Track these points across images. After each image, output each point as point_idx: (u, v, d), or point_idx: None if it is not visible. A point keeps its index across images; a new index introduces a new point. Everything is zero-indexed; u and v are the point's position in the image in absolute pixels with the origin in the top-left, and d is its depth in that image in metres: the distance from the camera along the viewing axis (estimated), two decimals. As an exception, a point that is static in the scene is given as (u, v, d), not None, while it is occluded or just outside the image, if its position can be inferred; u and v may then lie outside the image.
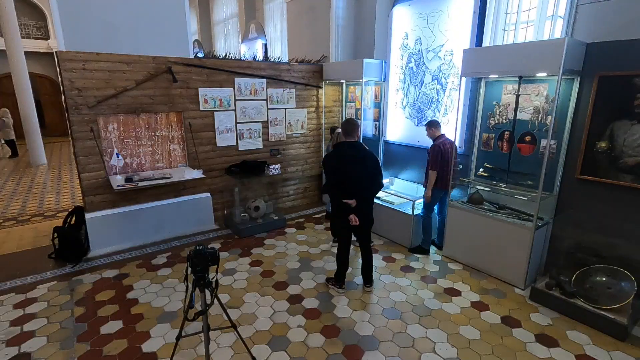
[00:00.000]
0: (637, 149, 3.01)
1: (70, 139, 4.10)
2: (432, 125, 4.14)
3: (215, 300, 2.22)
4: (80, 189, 4.24)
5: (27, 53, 9.72)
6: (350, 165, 3.20)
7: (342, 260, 3.48)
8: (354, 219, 3.22)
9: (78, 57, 3.81)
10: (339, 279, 3.53)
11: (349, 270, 3.92)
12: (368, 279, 3.56)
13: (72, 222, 4.33)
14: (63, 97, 3.90)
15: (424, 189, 4.23)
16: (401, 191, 5.05)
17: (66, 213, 4.42)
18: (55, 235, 4.12)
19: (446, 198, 4.11)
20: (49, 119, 14.81)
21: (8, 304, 3.29)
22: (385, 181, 5.24)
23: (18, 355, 2.68)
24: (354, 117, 5.61)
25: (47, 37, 13.71)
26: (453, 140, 4.03)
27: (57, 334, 2.91)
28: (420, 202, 4.35)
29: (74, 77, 3.82)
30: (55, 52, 3.80)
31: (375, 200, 4.74)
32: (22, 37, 9.74)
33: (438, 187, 4.07)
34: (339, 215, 3.32)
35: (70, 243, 4.04)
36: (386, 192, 4.81)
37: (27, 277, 3.73)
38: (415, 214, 4.32)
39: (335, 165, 3.22)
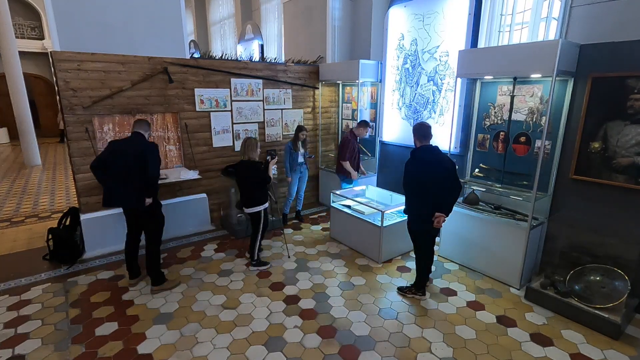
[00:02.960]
0: (630, 149, 3.04)
1: (65, 139, 4.07)
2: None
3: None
4: (75, 190, 4.22)
5: (21, 53, 9.65)
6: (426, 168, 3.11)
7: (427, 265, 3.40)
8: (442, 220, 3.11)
9: (73, 58, 3.79)
10: (421, 287, 3.43)
11: (345, 271, 3.94)
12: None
13: (67, 223, 4.30)
14: (58, 97, 3.88)
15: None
16: (373, 199, 4.87)
17: (61, 214, 4.39)
18: (50, 236, 4.09)
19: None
20: (44, 119, 14.70)
21: (2, 305, 3.26)
22: (359, 188, 5.09)
23: (12, 357, 2.65)
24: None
25: (41, 37, 13.62)
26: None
27: (51, 335, 2.89)
28: (394, 211, 4.30)
29: (69, 77, 3.80)
30: (50, 52, 3.78)
31: (345, 210, 4.53)
32: (17, 37, 9.66)
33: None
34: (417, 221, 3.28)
35: (65, 244, 4.01)
36: (356, 201, 4.54)
37: (22, 279, 3.71)
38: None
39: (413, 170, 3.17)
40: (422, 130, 3.14)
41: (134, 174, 3.21)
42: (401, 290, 3.50)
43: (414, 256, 3.51)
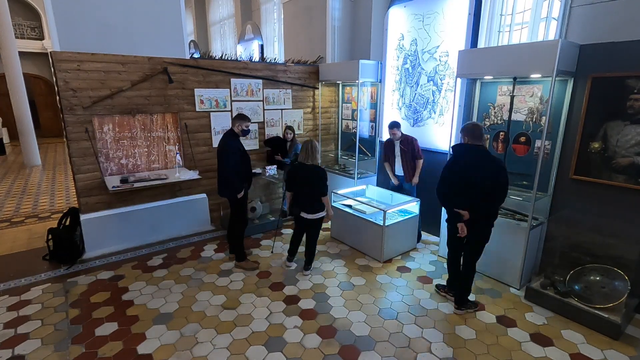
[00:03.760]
0: (630, 150, 3.04)
1: (65, 139, 4.08)
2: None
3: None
4: (75, 190, 4.22)
5: (21, 53, 9.65)
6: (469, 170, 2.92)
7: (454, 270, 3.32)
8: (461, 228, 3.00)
9: (73, 58, 3.79)
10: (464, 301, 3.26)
11: (345, 271, 3.93)
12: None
13: (67, 223, 4.30)
14: (58, 97, 3.88)
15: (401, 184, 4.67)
16: (375, 199, 4.90)
17: (61, 214, 4.39)
18: (50, 236, 4.09)
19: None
20: (44, 119, 14.70)
21: (2, 306, 3.26)
22: (360, 187, 5.06)
23: (12, 357, 2.65)
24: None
25: (41, 38, 13.62)
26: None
27: (51, 336, 2.88)
28: (394, 212, 4.33)
29: (69, 77, 3.80)
30: (50, 52, 3.78)
31: (346, 209, 4.50)
32: (17, 37, 9.67)
33: None
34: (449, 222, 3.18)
35: (65, 244, 4.01)
36: (357, 200, 4.60)
37: (21, 279, 3.70)
38: (385, 224, 4.06)
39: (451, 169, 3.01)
40: (478, 130, 2.95)
41: (219, 167, 3.76)
42: (438, 288, 3.51)
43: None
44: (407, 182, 4.57)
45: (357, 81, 5.12)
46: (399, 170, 4.66)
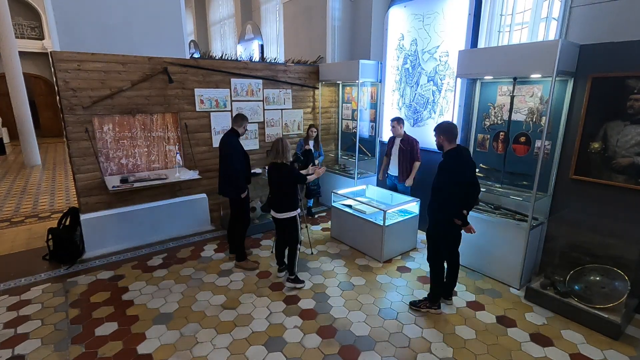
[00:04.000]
0: (630, 150, 3.04)
1: (65, 139, 4.08)
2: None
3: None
4: (75, 190, 4.21)
5: (21, 53, 9.65)
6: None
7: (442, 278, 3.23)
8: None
9: (73, 58, 3.79)
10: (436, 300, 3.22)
11: (345, 271, 3.93)
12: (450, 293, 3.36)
13: (67, 223, 4.30)
14: (58, 97, 3.88)
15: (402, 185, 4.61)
16: (375, 199, 4.91)
17: (61, 214, 4.39)
18: (50, 236, 4.09)
19: None
20: (44, 119, 14.71)
21: (2, 306, 3.26)
22: (360, 187, 5.08)
23: (12, 357, 2.65)
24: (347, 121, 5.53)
25: (41, 37, 13.61)
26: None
27: (51, 336, 2.89)
28: (394, 212, 4.34)
29: (69, 77, 3.80)
30: (50, 52, 3.78)
31: (346, 209, 4.52)
32: (17, 37, 9.66)
33: None
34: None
35: (65, 244, 4.01)
36: (357, 200, 4.58)
37: (21, 279, 3.70)
38: (385, 224, 4.04)
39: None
40: (454, 131, 2.96)
41: (221, 166, 3.81)
42: (414, 305, 3.26)
43: (428, 264, 3.24)
44: (401, 183, 4.56)
45: (357, 81, 5.12)
46: (393, 169, 4.65)
